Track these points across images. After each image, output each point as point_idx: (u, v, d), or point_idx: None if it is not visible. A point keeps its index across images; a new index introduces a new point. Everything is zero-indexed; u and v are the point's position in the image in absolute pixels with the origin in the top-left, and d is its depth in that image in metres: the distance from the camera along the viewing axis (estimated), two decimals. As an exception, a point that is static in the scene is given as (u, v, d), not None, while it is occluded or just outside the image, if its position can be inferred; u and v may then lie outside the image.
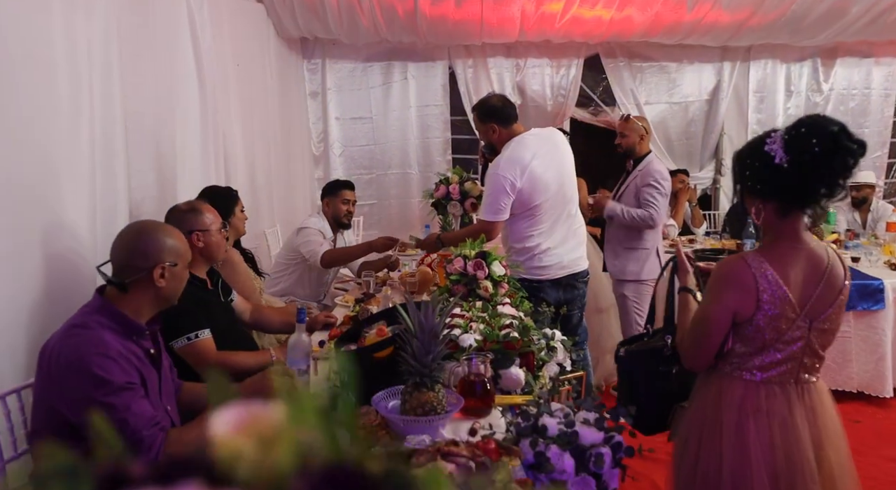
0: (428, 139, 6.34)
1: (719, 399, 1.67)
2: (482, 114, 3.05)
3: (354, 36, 5.61)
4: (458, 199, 3.37)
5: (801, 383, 1.64)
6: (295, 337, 1.92)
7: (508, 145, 2.99)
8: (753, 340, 1.61)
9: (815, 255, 1.61)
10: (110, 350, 1.59)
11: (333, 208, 3.74)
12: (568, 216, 3.07)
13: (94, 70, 2.56)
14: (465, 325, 2.29)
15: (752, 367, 1.63)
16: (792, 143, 1.50)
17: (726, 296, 1.61)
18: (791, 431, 1.59)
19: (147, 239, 1.73)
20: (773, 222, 1.60)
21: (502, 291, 2.73)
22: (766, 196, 1.58)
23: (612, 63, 6.21)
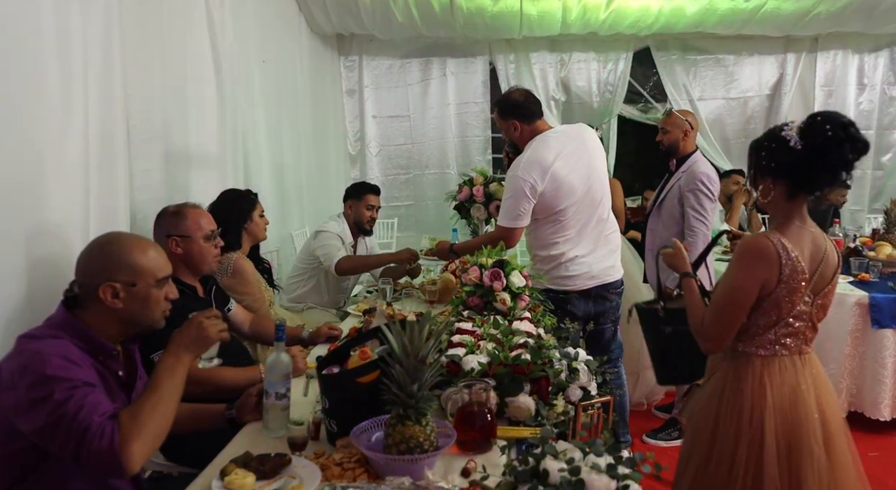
0: (467, 138, 6.11)
1: (738, 379, 1.78)
2: (503, 110, 2.80)
3: (389, 31, 5.43)
4: (483, 201, 3.12)
5: (804, 354, 1.80)
6: (273, 356, 1.72)
7: (530, 144, 2.73)
8: (769, 314, 1.74)
9: (816, 236, 1.78)
10: (72, 355, 1.42)
11: (356, 212, 3.55)
12: (598, 221, 2.78)
13: (90, 64, 2.42)
14: (471, 344, 2.05)
15: (766, 342, 1.76)
16: (807, 129, 1.67)
17: (754, 269, 1.72)
18: (800, 400, 1.74)
19: (98, 254, 1.55)
20: (780, 203, 1.76)
21: (522, 304, 2.48)
22: (777, 174, 1.73)
23: (663, 56, 5.84)
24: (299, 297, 3.48)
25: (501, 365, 1.89)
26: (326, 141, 5.67)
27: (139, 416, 1.35)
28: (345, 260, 3.29)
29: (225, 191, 2.82)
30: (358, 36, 5.87)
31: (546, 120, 2.86)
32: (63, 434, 1.30)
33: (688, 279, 1.96)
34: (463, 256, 2.92)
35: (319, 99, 5.46)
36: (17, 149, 2.07)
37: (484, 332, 2.18)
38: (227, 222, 2.68)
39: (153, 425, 1.36)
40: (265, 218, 2.86)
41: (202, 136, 3.35)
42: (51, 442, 1.33)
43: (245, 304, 2.55)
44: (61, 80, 2.25)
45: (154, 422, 1.37)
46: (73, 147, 2.31)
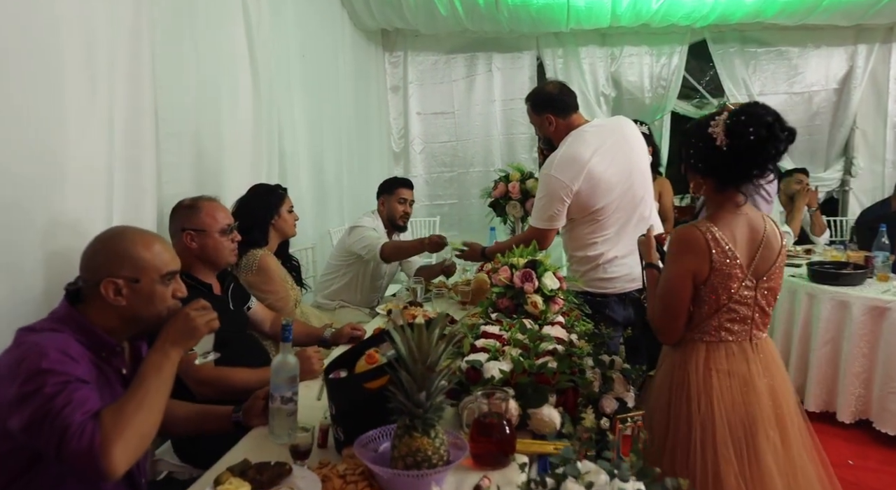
0: (513, 135, 5.96)
1: (685, 363, 1.81)
2: (536, 104, 2.64)
3: (433, 26, 5.32)
4: (519, 198, 2.97)
5: (755, 340, 1.81)
6: (279, 358, 1.62)
7: (565, 140, 2.56)
8: (709, 302, 1.76)
9: (753, 221, 1.79)
10: (71, 350, 1.36)
11: (388, 208, 3.45)
12: (640, 220, 2.60)
13: (117, 53, 2.39)
14: (495, 350, 1.91)
15: (710, 328, 1.79)
16: (732, 128, 1.67)
17: (684, 259, 1.76)
18: (750, 386, 1.76)
19: (101, 248, 1.49)
20: (712, 195, 1.81)
21: (555, 308, 2.32)
22: (705, 173, 1.78)
23: (720, 49, 5.54)
24: (332, 294, 3.41)
25: (525, 373, 1.75)
26: (369, 138, 5.61)
27: (122, 415, 1.27)
28: (389, 244, 3.20)
29: (254, 185, 2.77)
30: (402, 31, 5.79)
31: (593, 116, 2.69)
32: (47, 431, 1.24)
33: (649, 269, 2.02)
34: None
35: (362, 95, 5.40)
36: (37, 140, 2.04)
37: (510, 337, 2.04)
38: (255, 217, 2.62)
39: (137, 425, 1.28)
40: (294, 214, 2.78)
41: (235, 131, 3.30)
42: (37, 439, 1.27)
43: (268, 303, 2.48)
44: (85, 69, 2.21)
45: (138, 421, 1.28)
46: (96, 139, 2.28)
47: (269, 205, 2.68)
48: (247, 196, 2.71)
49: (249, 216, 2.61)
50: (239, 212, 2.64)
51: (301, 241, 4.01)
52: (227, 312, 2.15)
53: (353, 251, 3.32)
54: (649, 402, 1.97)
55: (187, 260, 2.08)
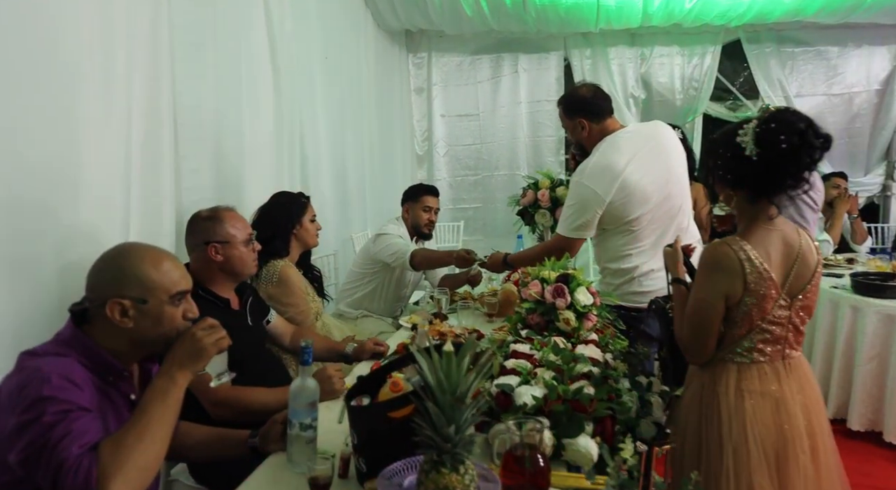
0: (539, 138, 5.82)
1: (714, 384, 1.72)
2: (568, 107, 2.51)
3: (458, 26, 5.22)
4: (548, 206, 2.84)
5: (787, 359, 1.71)
6: (297, 383, 1.52)
7: (599, 146, 2.43)
8: (742, 323, 1.67)
9: (787, 236, 1.69)
10: (75, 375, 1.27)
11: (413, 216, 3.35)
12: (677, 230, 2.46)
13: (134, 57, 2.32)
14: (526, 372, 1.80)
15: (741, 349, 1.69)
16: (762, 137, 1.57)
17: (717, 280, 1.66)
18: (783, 408, 1.67)
19: (106, 267, 1.40)
20: (745, 208, 1.70)
21: (588, 325, 2.19)
22: (735, 185, 1.68)
23: (755, 49, 5.35)
24: (354, 303, 3.31)
25: (559, 400, 1.63)
26: (392, 141, 5.52)
27: (121, 447, 1.18)
28: (419, 252, 3.09)
29: (277, 193, 2.68)
30: (427, 32, 5.70)
31: (622, 119, 2.56)
32: (43, 465, 1.16)
33: (676, 285, 1.88)
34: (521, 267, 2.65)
35: (385, 97, 5.31)
36: (52, 146, 1.97)
37: (542, 358, 1.92)
38: (276, 227, 2.54)
39: (138, 457, 1.18)
40: (317, 223, 2.69)
41: (257, 135, 3.23)
42: (34, 473, 1.18)
43: (288, 316, 2.38)
44: (101, 72, 2.14)
45: (139, 453, 1.19)
46: (112, 145, 2.21)
47: (291, 214, 2.59)
48: (268, 204, 2.62)
49: (271, 225, 2.52)
50: (260, 220, 2.55)
51: (323, 247, 3.92)
52: (245, 328, 2.06)
53: (379, 259, 3.22)
54: (678, 424, 1.87)
55: (207, 274, 2.00)
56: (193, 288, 1.98)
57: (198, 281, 1.99)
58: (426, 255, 3.16)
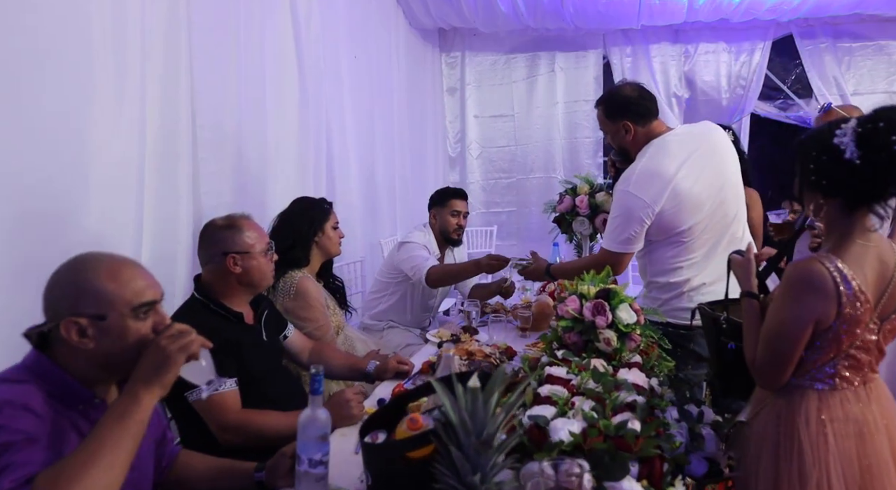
0: (576, 139, 5.60)
1: (792, 413, 1.53)
2: (611, 109, 2.30)
3: (493, 23, 5.04)
4: (587, 214, 2.64)
5: (869, 383, 1.55)
6: (306, 414, 1.36)
7: (645, 151, 2.22)
8: (828, 349, 1.49)
9: (883, 253, 1.51)
10: (34, 403, 1.14)
11: (441, 221, 3.18)
12: (731, 241, 2.25)
13: (149, 55, 2.21)
14: (562, 402, 1.61)
15: (824, 376, 1.51)
16: (866, 137, 1.39)
17: (807, 303, 1.46)
18: (867, 437, 1.51)
19: (60, 282, 1.22)
20: (837, 219, 1.51)
21: (631, 346, 1.99)
22: (829, 192, 1.48)
23: (809, 45, 5.04)
24: (380, 314, 3.16)
25: (601, 437, 1.44)
26: (424, 142, 5.36)
27: (61, 479, 1.02)
28: (434, 269, 2.92)
29: (297, 199, 2.54)
30: (460, 30, 5.54)
31: (663, 119, 2.35)
32: None
33: (748, 300, 1.66)
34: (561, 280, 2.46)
35: (417, 98, 5.16)
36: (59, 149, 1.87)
37: (580, 385, 1.73)
38: (297, 234, 2.40)
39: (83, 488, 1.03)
40: (340, 231, 2.54)
41: (281, 137, 3.11)
42: None
43: (306, 332, 2.24)
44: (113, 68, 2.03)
45: (84, 484, 1.03)
46: (124, 147, 2.10)
47: (313, 220, 2.44)
48: (288, 211, 2.48)
49: (290, 233, 2.39)
50: (279, 227, 2.42)
51: (350, 253, 3.80)
52: (259, 344, 1.92)
53: (402, 269, 3.06)
54: (746, 458, 1.66)
55: (222, 286, 1.87)
56: (205, 302, 1.86)
57: (211, 294, 1.86)
58: (445, 271, 2.98)
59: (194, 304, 1.85)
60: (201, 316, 1.81)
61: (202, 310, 1.83)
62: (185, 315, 1.82)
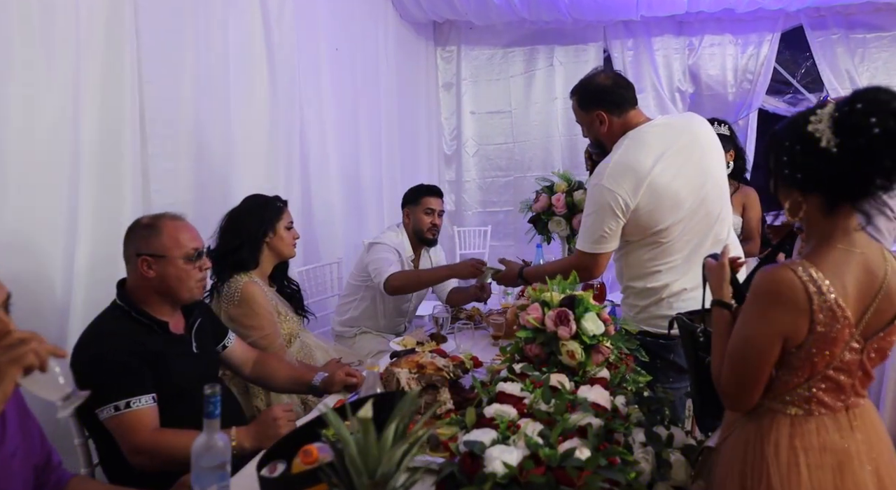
0: (575, 136, 5.38)
1: (761, 440, 1.36)
2: (584, 98, 2.13)
3: (487, 16, 4.85)
4: (564, 214, 2.44)
5: (853, 408, 1.35)
6: (201, 441, 1.20)
7: (621, 143, 2.04)
8: (801, 369, 1.31)
9: (870, 261, 1.31)
10: None
11: (414, 220, 3.00)
12: (715, 243, 2.06)
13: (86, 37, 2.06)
14: (504, 425, 1.43)
15: (798, 399, 1.33)
16: (844, 122, 1.21)
17: (774, 317, 1.28)
18: (848, 471, 1.31)
19: None
20: (817, 220, 1.32)
21: (598, 359, 1.81)
22: (807, 188, 1.30)
23: (820, 36, 4.79)
24: (351, 320, 2.99)
25: (540, 468, 1.26)
26: (417, 139, 5.19)
27: None
28: (395, 276, 2.75)
29: (249, 197, 2.38)
30: (455, 23, 5.35)
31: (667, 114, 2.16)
32: None
33: (718, 309, 1.47)
34: None
35: (410, 93, 4.99)
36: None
37: (532, 405, 1.55)
38: (245, 234, 2.24)
39: None
40: (294, 231, 2.36)
41: (248, 132, 2.95)
42: None
43: (251, 341, 2.08)
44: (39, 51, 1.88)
45: None
46: (50, 139, 1.95)
47: (263, 220, 2.27)
48: (238, 209, 2.32)
49: (238, 232, 2.23)
50: (227, 226, 2.26)
51: (328, 253, 3.64)
52: (188, 355, 1.76)
53: (370, 271, 2.89)
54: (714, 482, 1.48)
55: (141, 292, 1.71)
56: (126, 309, 1.71)
57: (133, 300, 1.71)
58: (408, 278, 2.80)
59: (115, 310, 1.69)
60: (121, 324, 1.66)
61: (122, 317, 1.67)
62: (102, 323, 1.67)
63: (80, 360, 1.61)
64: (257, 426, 1.63)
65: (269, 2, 3.03)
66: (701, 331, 1.68)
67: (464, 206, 5.66)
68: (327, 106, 3.66)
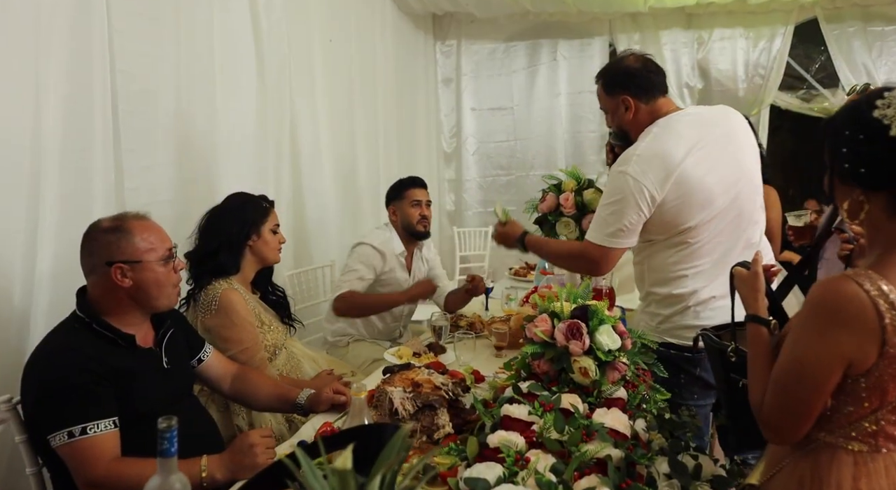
0: (580, 133, 5.21)
1: (819, 481, 1.15)
2: (609, 82, 1.95)
3: (488, 8, 4.67)
4: (572, 214, 2.25)
5: None
6: (154, 484, 1.03)
7: (649, 131, 1.86)
8: (868, 398, 1.10)
9: None
10: None
11: (402, 215, 2.83)
12: (746, 247, 1.88)
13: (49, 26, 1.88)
14: (512, 459, 1.25)
15: (863, 434, 1.13)
16: None
17: (836, 338, 1.08)
18: None
19: None
20: (881, 223, 1.13)
21: (614, 376, 1.62)
22: (871, 184, 1.11)
23: (836, 29, 4.60)
24: (341, 329, 2.80)
25: (553, 515, 1.08)
26: (416, 136, 5.01)
27: None
28: (343, 298, 2.59)
29: (232, 195, 2.19)
30: (456, 16, 5.17)
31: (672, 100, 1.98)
32: None
33: (755, 327, 1.30)
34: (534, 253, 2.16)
35: (408, 88, 4.81)
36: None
37: (541, 432, 1.36)
38: (225, 237, 2.05)
39: None
40: (280, 235, 2.17)
41: (234, 127, 2.77)
42: None
43: (230, 355, 1.89)
44: None
45: None
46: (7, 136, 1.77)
47: (246, 221, 2.07)
48: (219, 207, 2.13)
49: (218, 234, 2.04)
50: (206, 227, 2.07)
51: (320, 255, 3.46)
52: (158, 371, 1.58)
53: None
54: None
55: (109, 303, 1.52)
56: (87, 320, 1.53)
57: (96, 311, 1.52)
58: (355, 302, 2.62)
59: (73, 322, 1.51)
60: (79, 338, 1.48)
61: (82, 330, 1.49)
62: (57, 337, 1.49)
63: (29, 381, 1.43)
64: (231, 455, 1.44)
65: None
66: (732, 350, 1.50)
67: (464, 205, 5.48)
68: (320, 100, 3.48)
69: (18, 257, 1.81)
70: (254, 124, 2.89)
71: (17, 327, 1.82)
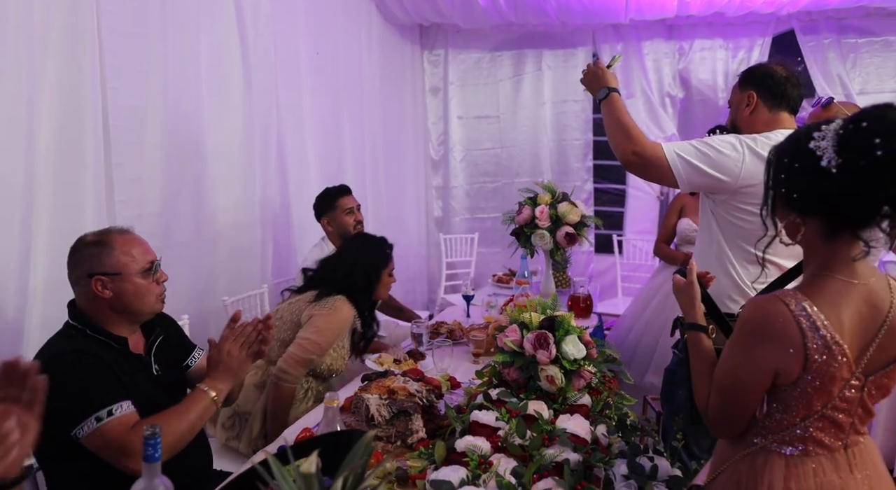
0: (564, 141, 5.31)
1: (754, 480, 1.25)
2: (746, 76, 2.01)
3: (473, 19, 4.76)
4: (548, 227, 2.32)
5: (852, 447, 1.25)
6: (139, 487, 1.10)
7: (767, 135, 1.90)
8: (796, 408, 1.21)
9: (874, 293, 1.20)
10: None
11: (337, 225, 2.93)
12: None
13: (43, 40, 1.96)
14: (475, 463, 1.34)
15: (794, 439, 1.23)
16: (848, 140, 1.12)
17: (762, 352, 1.18)
18: None
19: None
20: (815, 246, 1.22)
21: (580, 384, 1.72)
22: (805, 209, 1.19)
23: (811, 41, 4.72)
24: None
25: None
26: (404, 145, 5.10)
27: None
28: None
29: (361, 234, 2.53)
30: (442, 27, 5.26)
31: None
32: None
33: (694, 334, 1.38)
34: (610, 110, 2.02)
35: (396, 97, 4.89)
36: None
37: (506, 438, 1.45)
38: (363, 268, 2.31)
39: None
40: (393, 277, 2.39)
41: (222, 140, 2.85)
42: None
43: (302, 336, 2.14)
44: None
45: None
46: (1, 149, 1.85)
47: (377, 260, 2.33)
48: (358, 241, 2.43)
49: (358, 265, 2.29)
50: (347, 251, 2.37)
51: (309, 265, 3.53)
52: (148, 378, 1.65)
53: None
54: None
55: (96, 313, 1.60)
56: (82, 328, 1.61)
57: (88, 319, 1.60)
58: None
59: (69, 330, 1.59)
60: (78, 342, 1.56)
61: (78, 336, 1.57)
62: (57, 343, 1.57)
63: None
64: (217, 369, 1.60)
65: (244, 2, 2.93)
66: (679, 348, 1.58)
67: (451, 212, 5.57)
68: (308, 111, 3.56)
69: (13, 271, 1.87)
70: (241, 136, 2.97)
71: (11, 340, 1.89)
